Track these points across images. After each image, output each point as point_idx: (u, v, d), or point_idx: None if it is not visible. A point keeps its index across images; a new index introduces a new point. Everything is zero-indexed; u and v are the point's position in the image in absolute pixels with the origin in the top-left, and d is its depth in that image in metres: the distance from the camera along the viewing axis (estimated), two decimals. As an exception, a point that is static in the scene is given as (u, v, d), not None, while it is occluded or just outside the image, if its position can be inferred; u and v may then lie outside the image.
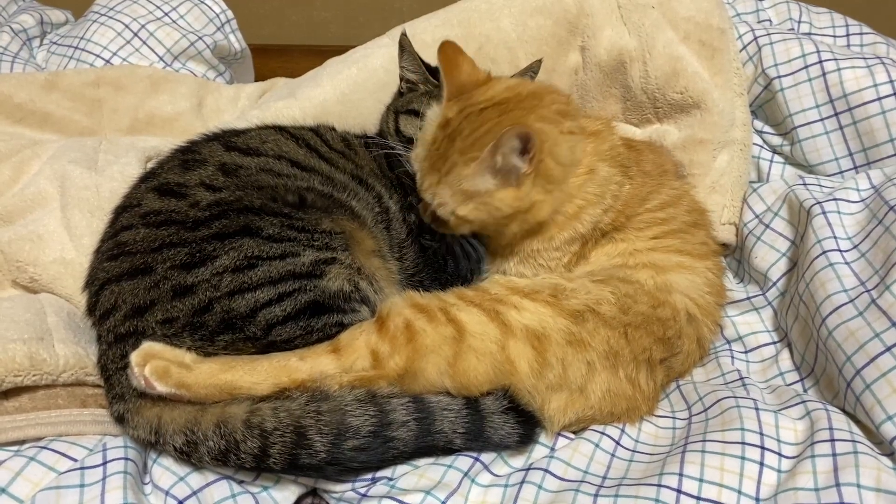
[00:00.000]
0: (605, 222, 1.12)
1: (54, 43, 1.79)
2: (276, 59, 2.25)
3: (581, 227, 1.11)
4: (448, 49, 1.12)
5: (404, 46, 1.25)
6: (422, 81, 1.26)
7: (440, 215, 1.08)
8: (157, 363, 0.90)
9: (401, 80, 1.29)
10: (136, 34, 1.71)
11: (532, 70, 1.31)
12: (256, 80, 1.98)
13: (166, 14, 1.77)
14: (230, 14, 1.86)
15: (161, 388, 0.90)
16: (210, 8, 1.82)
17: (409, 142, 1.25)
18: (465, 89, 1.11)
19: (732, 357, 1.20)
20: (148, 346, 0.93)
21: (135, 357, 0.91)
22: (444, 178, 1.05)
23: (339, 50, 1.63)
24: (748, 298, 1.28)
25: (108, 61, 1.69)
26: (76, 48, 1.71)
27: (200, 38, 1.76)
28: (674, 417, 1.06)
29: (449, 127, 1.07)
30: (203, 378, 0.91)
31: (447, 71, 1.11)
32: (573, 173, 1.09)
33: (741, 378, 1.11)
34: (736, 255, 1.38)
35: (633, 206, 1.13)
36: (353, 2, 2.51)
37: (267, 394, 0.92)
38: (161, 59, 1.72)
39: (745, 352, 1.22)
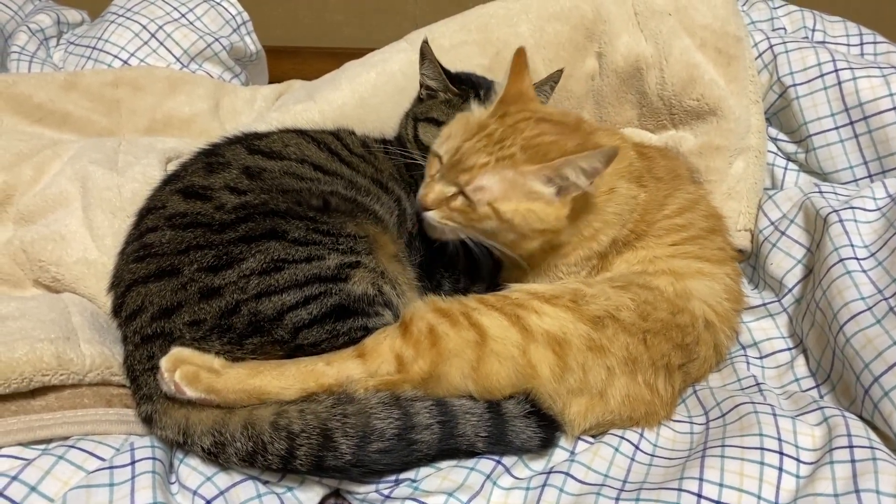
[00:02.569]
0: (624, 235, 1.13)
1: (71, 43, 1.80)
2: (288, 60, 2.27)
3: (597, 245, 1.13)
4: (522, 54, 1.15)
5: (425, 54, 1.26)
6: (442, 89, 1.27)
7: (472, 199, 1.04)
8: (186, 368, 0.91)
9: (421, 86, 1.30)
10: (153, 35, 1.73)
11: (553, 80, 1.33)
12: (270, 82, 1.99)
13: (183, 15, 1.78)
14: (246, 16, 1.87)
15: (191, 393, 0.91)
16: (226, 10, 1.84)
17: (427, 149, 1.25)
18: (522, 96, 1.13)
19: (748, 363, 1.21)
20: (177, 351, 0.94)
21: (164, 362, 0.92)
22: (497, 164, 1.03)
23: (352, 52, 1.65)
24: (763, 304, 1.29)
25: (125, 62, 1.70)
26: (94, 48, 1.72)
27: (217, 39, 1.78)
28: (691, 422, 1.07)
29: (508, 118, 1.08)
30: (232, 383, 0.93)
31: (515, 72, 1.14)
32: (595, 198, 1.11)
33: (757, 384, 1.12)
34: (751, 261, 1.40)
35: (651, 213, 1.14)
36: (365, 4, 2.52)
37: (294, 398, 0.93)
38: (178, 60, 1.73)
39: (760, 357, 1.23)
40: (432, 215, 1.09)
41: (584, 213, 1.10)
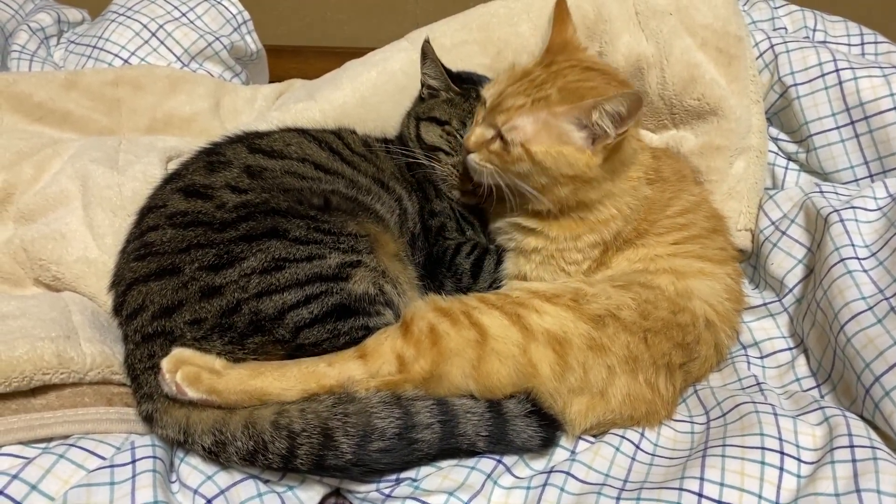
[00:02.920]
0: (628, 230, 1.13)
1: (72, 42, 1.80)
2: (289, 59, 2.27)
3: (607, 233, 1.12)
4: (563, 3, 1.21)
5: (427, 54, 1.26)
6: (443, 89, 1.27)
7: (508, 137, 1.05)
8: (188, 369, 0.92)
9: (422, 85, 1.30)
10: (153, 34, 1.72)
11: None
12: (271, 81, 1.99)
13: (184, 14, 1.77)
14: (247, 15, 1.87)
15: (192, 393, 0.91)
16: (227, 9, 1.83)
17: (429, 148, 1.26)
18: (567, 46, 1.16)
19: (748, 362, 1.21)
20: (178, 352, 0.94)
21: (165, 363, 0.92)
22: (533, 105, 1.05)
23: (353, 51, 1.64)
24: (764, 304, 1.29)
25: (126, 61, 1.70)
26: (94, 47, 1.72)
27: (217, 38, 1.77)
28: (692, 422, 1.07)
29: (554, 66, 1.10)
30: (233, 384, 0.93)
31: (558, 21, 1.18)
32: (626, 176, 1.12)
33: (758, 383, 1.12)
34: (752, 261, 1.40)
35: (655, 213, 1.14)
36: (366, 3, 2.52)
37: (296, 399, 0.93)
38: (178, 59, 1.73)
39: (761, 357, 1.23)
40: (472, 157, 1.11)
41: (615, 187, 1.11)
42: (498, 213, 1.22)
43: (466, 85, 1.27)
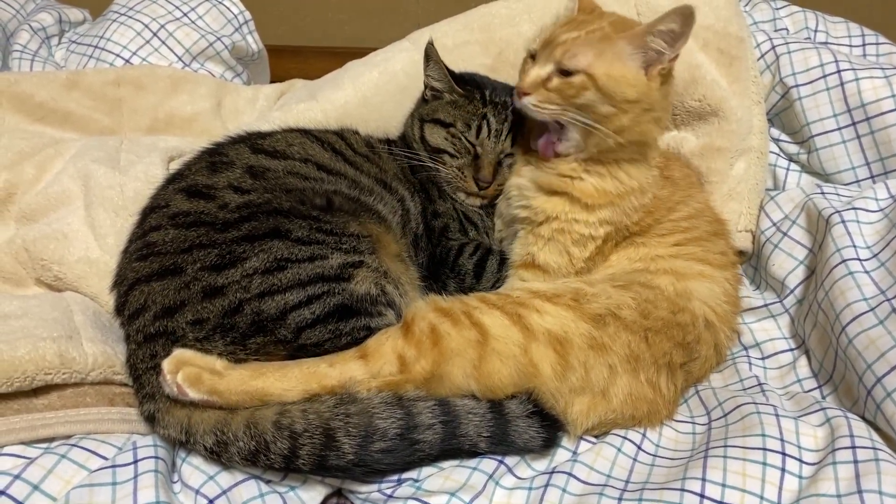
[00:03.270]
0: (634, 220, 1.14)
1: (73, 42, 1.80)
2: (290, 59, 2.27)
3: (616, 211, 1.14)
4: None
5: (431, 55, 1.25)
6: (447, 91, 1.27)
7: (569, 66, 1.06)
8: (189, 370, 0.92)
9: (425, 87, 1.30)
10: (155, 34, 1.73)
11: None
12: (272, 81, 1.99)
13: (185, 14, 1.78)
14: (248, 15, 1.87)
15: (193, 394, 0.91)
16: (228, 9, 1.84)
17: (433, 150, 1.26)
18: (596, 9, 1.20)
19: (750, 363, 1.21)
20: (179, 352, 0.94)
21: (167, 364, 0.92)
22: (588, 36, 1.08)
23: (354, 51, 1.65)
24: (765, 305, 1.29)
25: (127, 61, 1.70)
26: (96, 47, 1.72)
27: (219, 38, 1.78)
28: (693, 423, 1.07)
29: (595, 13, 1.16)
30: (234, 385, 0.93)
31: None
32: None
33: (760, 384, 1.12)
34: (752, 262, 1.40)
35: (659, 212, 1.15)
36: (367, 3, 2.52)
37: (297, 400, 0.93)
38: (180, 59, 1.73)
39: (763, 358, 1.23)
40: (529, 100, 1.10)
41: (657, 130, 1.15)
42: (520, 169, 1.22)
43: (469, 87, 1.27)
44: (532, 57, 1.15)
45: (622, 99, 1.06)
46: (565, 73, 1.07)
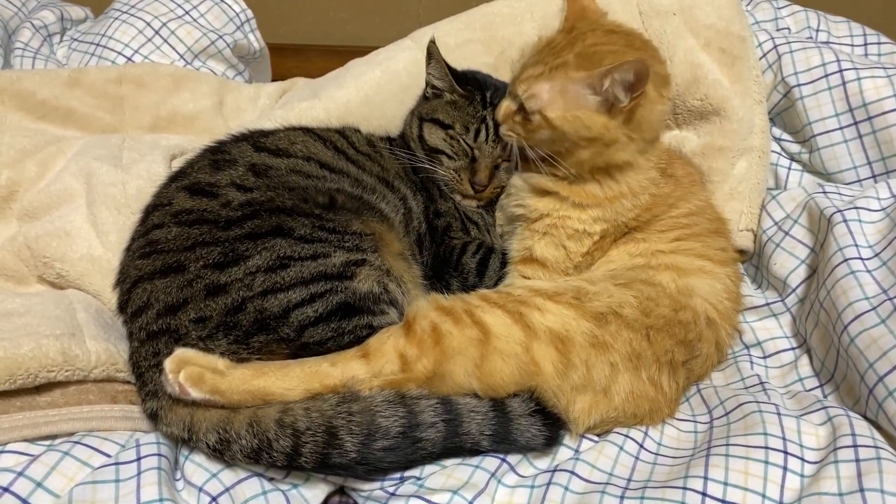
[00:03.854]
0: (630, 217, 1.14)
1: (75, 40, 1.80)
2: (292, 58, 2.27)
3: (608, 211, 1.14)
4: None
5: (432, 54, 1.25)
6: (448, 90, 1.27)
7: (527, 106, 1.08)
8: (191, 369, 0.91)
9: (427, 85, 1.30)
10: (157, 32, 1.73)
11: None
12: (273, 80, 1.99)
13: (187, 12, 1.78)
14: (250, 13, 1.87)
15: (195, 394, 0.91)
16: (230, 7, 1.83)
17: (431, 150, 1.26)
18: (586, 12, 1.18)
19: (751, 362, 1.21)
20: (181, 352, 0.94)
21: (168, 363, 0.92)
22: (550, 73, 1.07)
23: (356, 50, 1.65)
24: (767, 304, 1.29)
25: (129, 59, 1.70)
26: (97, 45, 1.72)
27: (220, 36, 1.78)
28: (695, 421, 1.07)
29: (574, 32, 1.12)
30: (236, 384, 0.93)
31: None
32: (651, 149, 1.14)
33: (761, 383, 1.12)
34: (754, 261, 1.40)
35: (658, 207, 1.15)
36: (369, 2, 2.52)
37: (299, 399, 0.93)
38: (181, 57, 1.73)
39: (764, 357, 1.23)
40: (501, 129, 1.16)
41: (641, 157, 1.14)
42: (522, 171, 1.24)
43: (471, 86, 1.27)
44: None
45: (578, 138, 1.08)
46: (526, 111, 1.10)
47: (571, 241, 1.15)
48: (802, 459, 0.92)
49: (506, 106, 1.14)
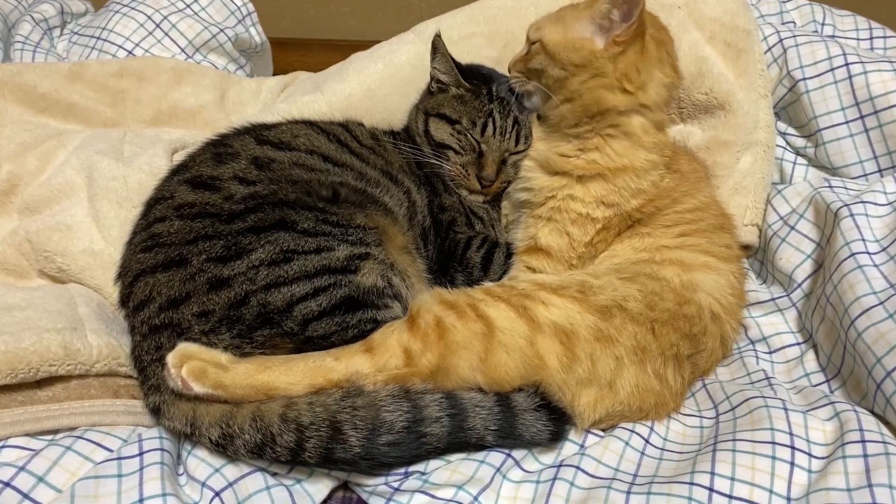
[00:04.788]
0: (634, 206, 1.14)
1: (75, 33, 1.79)
2: (294, 52, 2.26)
3: (611, 190, 1.14)
4: None
5: (438, 48, 1.24)
6: (453, 84, 1.26)
7: (531, 38, 1.18)
8: (194, 364, 0.91)
9: (431, 79, 1.29)
10: (158, 25, 1.72)
11: None
12: (275, 74, 1.98)
13: (188, 6, 1.77)
14: (251, 7, 1.86)
15: (198, 388, 0.90)
16: (231, 0, 1.82)
17: (437, 145, 1.25)
18: None
19: (757, 357, 1.21)
20: (184, 346, 0.93)
21: (171, 358, 0.91)
22: (557, 13, 1.18)
23: (358, 44, 1.64)
24: (772, 300, 1.28)
25: (130, 52, 1.69)
26: (98, 38, 1.71)
27: (222, 30, 1.77)
28: (701, 416, 1.06)
29: None
30: (239, 379, 0.92)
31: None
32: (649, 123, 1.15)
33: (767, 378, 1.12)
34: (759, 256, 1.39)
35: (662, 200, 1.15)
36: (371, -4, 2.52)
37: (302, 394, 0.93)
38: (183, 50, 1.72)
39: (770, 352, 1.23)
40: (510, 78, 1.24)
41: (632, 101, 1.14)
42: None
43: (476, 80, 1.26)
44: None
45: (567, 62, 1.12)
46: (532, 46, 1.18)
47: (574, 226, 1.15)
48: (810, 455, 0.91)
49: (517, 53, 1.22)
